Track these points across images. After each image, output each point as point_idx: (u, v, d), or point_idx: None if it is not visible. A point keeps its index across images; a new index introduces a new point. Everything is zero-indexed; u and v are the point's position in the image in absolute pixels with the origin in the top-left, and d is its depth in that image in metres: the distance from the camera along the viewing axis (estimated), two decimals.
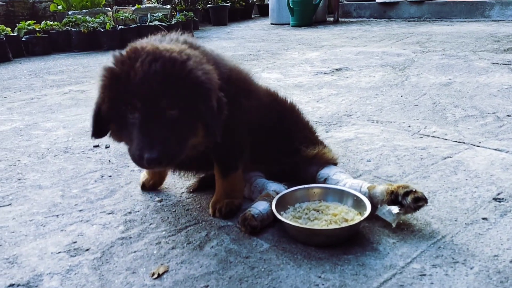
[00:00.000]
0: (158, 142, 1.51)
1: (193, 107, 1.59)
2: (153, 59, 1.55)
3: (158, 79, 1.52)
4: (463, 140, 2.67)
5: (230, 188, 1.97)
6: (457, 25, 8.66)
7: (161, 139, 1.52)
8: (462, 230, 1.72)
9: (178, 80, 1.55)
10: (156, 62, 1.54)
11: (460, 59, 5.15)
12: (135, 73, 1.53)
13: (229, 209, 1.92)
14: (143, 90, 1.52)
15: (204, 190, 2.20)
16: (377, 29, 8.80)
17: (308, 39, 7.86)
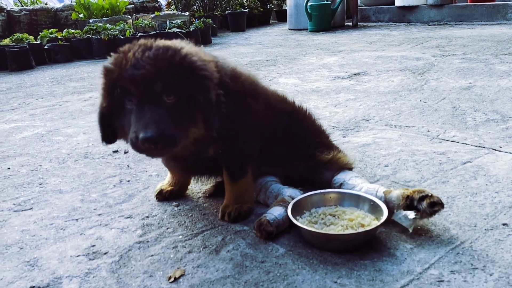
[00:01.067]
0: (153, 122, 1.52)
1: (191, 95, 1.61)
2: (146, 48, 1.62)
3: (150, 62, 1.56)
4: (483, 144, 2.63)
5: (239, 193, 1.97)
6: (478, 29, 8.53)
7: (157, 121, 1.52)
8: (481, 236, 1.69)
9: (173, 65, 1.58)
10: (149, 50, 1.60)
11: (481, 62, 5.07)
12: (127, 61, 1.59)
13: (237, 214, 1.93)
14: (136, 74, 1.55)
15: (221, 195, 2.21)
16: (396, 33, 8.72)
17: (326, 44, 7.84)
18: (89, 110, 4.28)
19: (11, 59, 7.28)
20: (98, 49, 8.32)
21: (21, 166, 2.81)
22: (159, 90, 1.56)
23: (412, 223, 1.72)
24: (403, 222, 1.75)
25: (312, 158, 2.11)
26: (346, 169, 2.12)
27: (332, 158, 2.12)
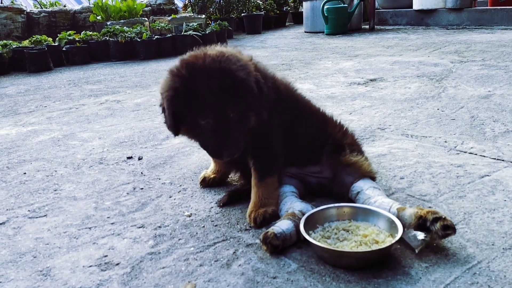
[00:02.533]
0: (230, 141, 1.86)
1: (245, 103, 1.84)
2: (215, 72, 1.79)
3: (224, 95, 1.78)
4: (502, 157, 2.57)
5: (265, 195, 2.03)
6: (498, 33, 8.39)
7: (232, 138, 1.86)
8: (499, 256, 1.64)
9: (237, 92, 1.80)
10: (220, 79, 1.78)
11: (501, 69, 4.98)
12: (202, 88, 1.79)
13: (262, 219, 1.97)
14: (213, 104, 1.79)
15: (234, 205, 2.21)
16: (414, 37, 8.62)
17: (342, 48, 7.79)
18: (104, 114, 4.32)
19: (30, 61, 7.39)
20: (115, 51, 8.40)
21: (37, 171, 2.84)
22: (229, 113, 1.82)
23: (420, 244, 1.69)
24: (411, 241, 1.71)
25: (338, 155, 2.14)
26: (368, 177, 2.09)
27: (357, 162, 2.11)
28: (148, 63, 7.78)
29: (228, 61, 1.83)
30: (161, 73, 6.46)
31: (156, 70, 6.92)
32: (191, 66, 1.83)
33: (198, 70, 1.81)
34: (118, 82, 6.08)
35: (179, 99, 1.82)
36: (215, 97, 1.79)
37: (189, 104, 1.82)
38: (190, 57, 1.89)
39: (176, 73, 1.86)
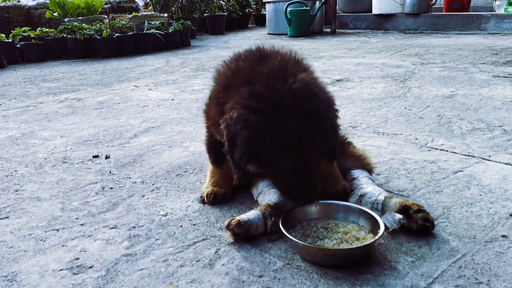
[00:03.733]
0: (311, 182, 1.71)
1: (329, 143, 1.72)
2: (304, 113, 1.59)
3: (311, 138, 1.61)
4: (472, 153, 2.62)
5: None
6: (453, 38, 8.71)
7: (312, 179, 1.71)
8: (482, 249, 1.66)
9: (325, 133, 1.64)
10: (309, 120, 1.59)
11: (461, 71, 5.14)
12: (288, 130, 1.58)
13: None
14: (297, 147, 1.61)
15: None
16: (375, 40, 8.81)
17: (306, 50, 7.84)
18: (65, 112, 4.12)
19: None
20: (73, 49, 8.08)
21: None
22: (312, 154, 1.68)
23: (395, 223, 1.71)
24: (388, 221, 1.72)
25: (348, 147, 2.20)
26: (366, 170, 2.14)
27: (361, 155, 2.21)
28: (108, 61, 7.53)
29: (317, 99, 1.62)
30: (123, 71, 6.30)
31: (117, 69, 6.71)
32: (274, 102, 1.58)
33: (284, 109, 1.57)
34: (78, 80, 5.84)
35: (258, 141, 1.58)
36: (301, 140, 1.60)
37: (269, 145, 1.60)
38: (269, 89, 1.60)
39: (255, 108, 1.57)
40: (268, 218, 1.79)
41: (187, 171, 2.54)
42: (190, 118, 3.70)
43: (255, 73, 1.68)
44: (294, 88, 1.60)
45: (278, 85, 1.61)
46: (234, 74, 1.78)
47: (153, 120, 3.68)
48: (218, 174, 2.11)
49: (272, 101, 1.58)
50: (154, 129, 3.41)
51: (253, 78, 1.66)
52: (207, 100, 2.03)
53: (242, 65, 1.78)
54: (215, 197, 2.07)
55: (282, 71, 1.67)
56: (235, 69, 1.80)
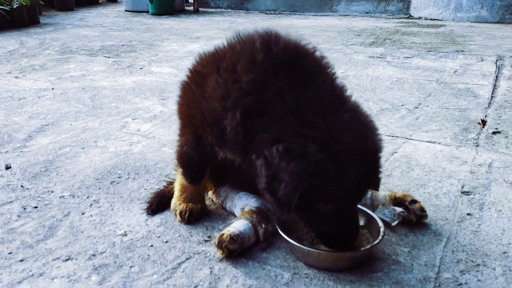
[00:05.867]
0: (356, 226, 1.52)
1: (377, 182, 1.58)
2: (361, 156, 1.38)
3: (364, 180, 1.43)
4: (394, 134, 2.79)
5: None
6: (312, 19, 9.23)
7: (356, 225, 1.53)
8: (459, 229, 1.76)
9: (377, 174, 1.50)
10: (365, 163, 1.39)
11: (338, 52, 5.46)
12: (343, 174, 1.35)
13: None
14: (349, 191, 1.39)
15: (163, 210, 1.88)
16: (242, 21, 8.86)
17: (178, 29, 7.50)
18: None
19: None
20: None
21: None
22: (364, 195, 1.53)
23: (397, 218, 1.72)
24: (386, 216, 1.72)
25: None
26: None
27: None
28: None
29: (369, 130, 1.45)
30: None
31: None
32: (331, 135, 1.36)
33: (339, 143, 1.36)
34: None
35: (313, 184, 1.33)
36: (353, 184, 1.37)
37: (321, 188, 1.35)
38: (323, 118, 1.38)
39: (312, 152, 1.33)
40: (257, 226, 1.64)
41: (122, 177, 2.20)
42: (87, 111, 3.23)
43: (299, 97, 1.42)
44: (347, 120, 1.40)
45: (330, 115, 1.40)
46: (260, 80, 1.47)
47: (42, 115, 3.11)
48: (191, 188, 1.83)
49: (330, 132, 1.37)
50: (50, 127, 2.88)
51: (299, 103, 1.41)
52: (183, 93, 1.72)
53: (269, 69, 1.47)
54: (191, 215, 1.79)
55: (328, 93, 1.46)
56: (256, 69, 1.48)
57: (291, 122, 1.40)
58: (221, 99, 1.53)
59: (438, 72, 4.41)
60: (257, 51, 1.52)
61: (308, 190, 1.34)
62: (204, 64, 1.70)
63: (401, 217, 1.73)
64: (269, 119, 1.44)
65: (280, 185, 1.36)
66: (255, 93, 1.47)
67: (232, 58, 1.57)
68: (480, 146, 2.59)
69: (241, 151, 1.53)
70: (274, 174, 1.38)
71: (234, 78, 1.52)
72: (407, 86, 3.91)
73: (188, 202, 1.82)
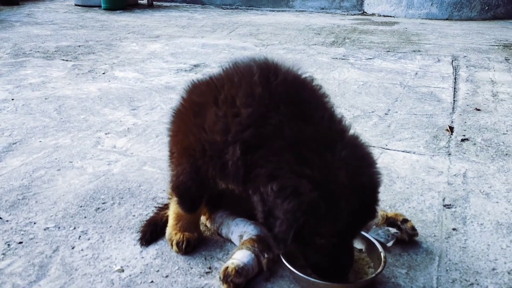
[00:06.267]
0: (351, 257, 1.54)
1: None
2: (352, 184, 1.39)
3: (359, 215, 1.44)
4: (371, 143, 2.86)
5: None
6: (270, 15, 9.24)
7: (350, 260, 1.54)
8: (448, 246, 1.85)
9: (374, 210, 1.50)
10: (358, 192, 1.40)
11: (302, 53, 5.51)
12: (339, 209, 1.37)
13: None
14: (348, 233, 1.47)
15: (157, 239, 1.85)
16: (200, 17, 8.73)
17: (135, 27, 7.28)
18: None
19: None
20: None
21: None
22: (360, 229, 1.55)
23: (392, 238, 1.77)
24: (381, 237, 1.77)
25: None
26: None
27: None
28: None
29: (367, 166, 1.46)
30: None
31: None
32: (326, 173, 1.37)
33: (336, 182, 1.37)
34: None
35: (306, 222, 1.35)
36: (347, 221, 1.39)
37: (315, 226, 1.38)
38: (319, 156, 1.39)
39: (305, 191, 1.34)
40: (260, 256, 1.64)
41: (106, 202, 2.13)
42: (56, 125, 3.08)
43: (297, 132, 1.43)
44: (344, 156, 1.41)
45: (327, 151, 1.40)
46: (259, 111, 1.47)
47: (7, 132, 2.94)
48: (187, 217, 1.80)
49: (324, 171, 1.37)
50: (18, 146, 2.73)
51: (297, 139, 1.42)
52: (178, 122, 1.70)
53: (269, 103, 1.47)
54: (189, 245, 1.76)
55: (326, 127, 1.47)
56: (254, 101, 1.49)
57: (288, 159, 1.41)
58: (222, 133, 1.51)
59: (400, 75, 4.56)
60: (256, 84, 1.51)
61: (302, 227, 1.37)
62: (200, 93, 1.68)
63: (395, 238, 1.79)
64: (267, 154, 1.44)
65: (276, 222, 1.39)
66: (254, 127, 1.47)
67: (230, 90, 1.55)
68: (452, 154, 2.71)
69: (242, 182, 1.52)
70: (269, 210, 1.41)
71: (234, 112, 1.51)
72: (374, 90, 4.02)
73: (184, 231, 1.79)
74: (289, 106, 1.48)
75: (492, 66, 4.89)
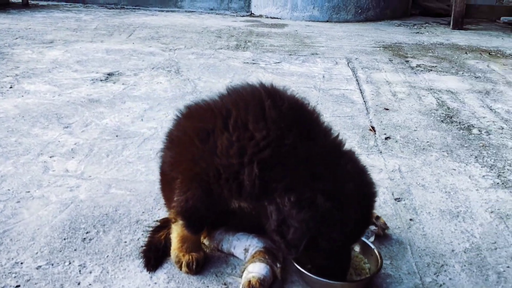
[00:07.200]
0: (349, 260, 1.79)
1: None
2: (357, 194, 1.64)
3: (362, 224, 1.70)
4: None
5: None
6: (161, 16, 9.13)
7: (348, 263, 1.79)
8: (412, 235, 2.18)
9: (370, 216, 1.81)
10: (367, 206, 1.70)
11: (212, 58, 5.63)
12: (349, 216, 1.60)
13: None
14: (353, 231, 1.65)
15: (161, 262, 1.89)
16: (88, 18, 8.27)
17: (20, 31, 6.66)
18: None
19: None
20: None
21: None
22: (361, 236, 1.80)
23: (371, 234, 2.06)
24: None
25: None
26: None
27: None
28: None
29: (367, 179, 1.73)
30: None
31: None
32: (336, 194, 1.59)
33: (344, 200, 1.59)
34: None
35: (319, 230, 1.58)
36: (354, 227, 1.64)
37: (327, 233, 1.59)
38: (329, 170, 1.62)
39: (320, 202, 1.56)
40: (273, 266, 1.79)
41: (90, 232, 2.06)
42: None
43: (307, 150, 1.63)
44: (349, 169, 1.65)
45: (334, 166, 1.63)
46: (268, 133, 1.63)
47: None
48: (192, 238, 1.86)
49: (334, 183, 1.60)
50: None
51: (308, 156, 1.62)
52: (181, 149, 1.76)
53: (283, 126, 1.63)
54: (198, 264, 1.83)
55: (329, 145, 1.71)
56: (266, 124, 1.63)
57: (302, 174, 1.61)
58: (238, 156, 1.63)
59: (311, 78, 4.95)
60: (269, 109, 1.66)
61: (315, 234, 1.58)
62: (203, 119, 1.75)
63: (374, 233, 2.07)
64: (283, 171, 1.62)
65: (289, 230, 1.59)
66: (271, 148, 1.62)
67: (240, 115, 1.67)
68: (383, 152, 3.12)
69: (256, 198, 1.67)
70: (283, 219, 1.59)
71: (248, 136, 1.63)
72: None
73: (190, 251, 1.85)
74: (299, 127, 1.66)
75: (382, 67, 5.56)
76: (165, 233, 1.99)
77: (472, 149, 3.22)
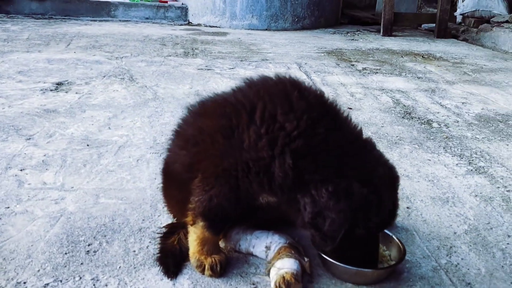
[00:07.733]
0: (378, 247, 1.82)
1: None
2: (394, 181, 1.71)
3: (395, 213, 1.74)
4: None
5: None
6: (95, 25, 8.77)
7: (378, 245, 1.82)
8: (414, 222, 2.25)
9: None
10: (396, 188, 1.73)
11: (164, 65, 5.48)
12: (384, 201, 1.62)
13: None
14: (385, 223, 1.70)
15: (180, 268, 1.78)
16: (16, 28, 7.72)
17: None
18: None
19: None
20: None
21: None
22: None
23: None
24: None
25: None
26: None
27: None
28: None
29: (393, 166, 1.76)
30: None
31: None
32: (370, 179, 1.60)
33: (379, 184, 1.61)
34: None
35: (356, 217, 1.57)
36: (389, 211, 1.68)
37: (364, 220, 1.60)
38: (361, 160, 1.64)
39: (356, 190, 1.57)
40: (301, 260, 1.75)
41: (92, 244, 1.89)
42: None
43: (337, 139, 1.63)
44: (375, 155, 1.70)
45: (363, 153, 1.66)
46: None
47: None
48: (212, 239, 1.78)
49: (367, 169, 1.62)
50: None
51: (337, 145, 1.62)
52: (203, 147, 1.69)
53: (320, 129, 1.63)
54: (221, 266, 1.75)
55: (354, 133, 1.72)
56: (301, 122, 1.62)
57: (335, 164, 1.60)
58: (268, 148, 1.59)
59: None
60: (295, 100, 1.64)
61: (352, 224, 1.58)
62: (222, 115, 1.69)
63: None
64: (316, 161, 1.60)
65: (325, 221, 1.56)
66: (303, 138, 1.59)
67: (267, 108, 1.63)
68: None
69: (288, 190, 1.63)
70: (319, 211, 1.57)
71: (278, 127, 1.60)
72: None
73: (211, 254, 1.77)
74: (327, 118, 1.64)
75: (332, 71, 5.74)
76: (176, 238, 1.89)
77: (438, 141, 3.40)
